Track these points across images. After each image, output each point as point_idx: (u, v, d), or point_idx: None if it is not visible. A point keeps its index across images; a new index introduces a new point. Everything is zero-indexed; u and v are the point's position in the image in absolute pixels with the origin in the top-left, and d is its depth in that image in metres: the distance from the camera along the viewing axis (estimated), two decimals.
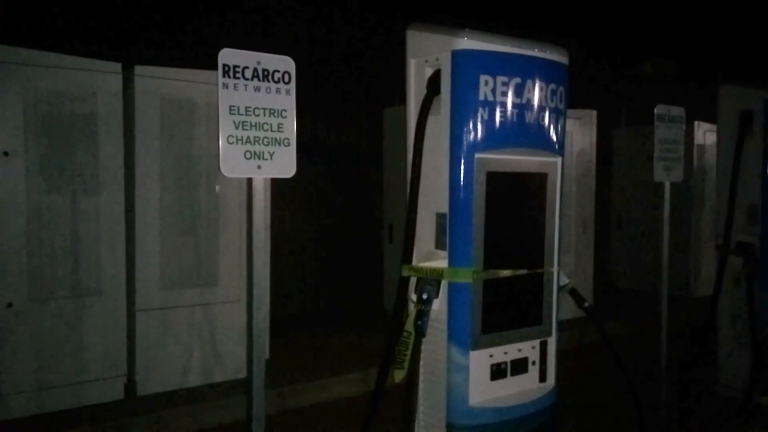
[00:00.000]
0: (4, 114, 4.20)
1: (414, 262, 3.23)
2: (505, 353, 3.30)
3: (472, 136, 3.03)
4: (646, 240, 9.08)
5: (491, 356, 3.23)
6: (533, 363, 3.41)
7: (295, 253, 7.47)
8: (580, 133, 7.57)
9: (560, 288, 3.57)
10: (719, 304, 5.11)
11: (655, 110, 4.40)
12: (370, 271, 7.46)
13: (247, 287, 2.76)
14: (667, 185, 4.51)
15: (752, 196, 5.05)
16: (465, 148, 3.03)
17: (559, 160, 3.37)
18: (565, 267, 7.48)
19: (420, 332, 3.00)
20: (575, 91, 3.72)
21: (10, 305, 4.26)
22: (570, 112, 7.14)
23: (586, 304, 3.70)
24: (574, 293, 3.69)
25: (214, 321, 4.98)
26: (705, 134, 8.80)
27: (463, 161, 3.04)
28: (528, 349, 3.38)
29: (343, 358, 5.80)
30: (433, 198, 3.16)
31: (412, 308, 3.10)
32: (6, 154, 4.25)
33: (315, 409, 5.01)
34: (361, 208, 7.90)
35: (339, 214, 7.81)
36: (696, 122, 8.66)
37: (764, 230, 5.06)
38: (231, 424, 4.53)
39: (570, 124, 7.44)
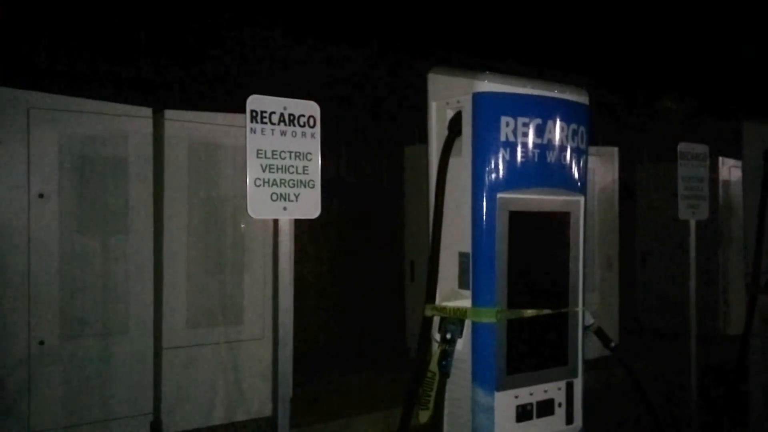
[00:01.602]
0: (40, 157, 4.35)
1: (437, 302, 3.24)
2: (531, 394, 3.27)
3: (494, 176, 3.07)
4: (672, 277, 8.96)
5: (516, 397, 3.20)
6: (559, 405, 3.37)
7: (319, 291, 7.50)
8: (602, 170, 7.56)
9: (586, 328, 3.55)
10: (750, 344, 5.00)
11: (678, 148, 4.41)
12: (392, 308, 7.45)
13: (273, 328, 2.80)
14: (693, 223, 4.49)
15: None
16: (487, 188, 3.07)
17: (581, 198, 3.39)
18: (590, 305, 7.40)
19: (444, 372, 3.00)
20: (596, 127, 3.76)
21: (42, 343, 4.34)
22: (591, 149, 7.18)
23: (613, 344, 3.66)
24: (600, 333, 3.66)
25: (239, 358, 5.01)
26: (730, 170, 8.73)
27: (485, 201, 3.07)
28: (554, 390, 3.35)
29: (365, 396, 5.76)
30: (456, 237, 3.19)
31: (435, 348, 3.11)
32: (41, 196, 4.38)
33: None
34: (383, 246, 7.93)
35: (361, 252, 7.85)
36: (720, 158, 8.60)
37: None
38: None
39: (592, 161, 7.44)
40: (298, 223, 5.63)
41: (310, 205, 2.81)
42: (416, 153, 6.49)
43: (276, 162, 2.73)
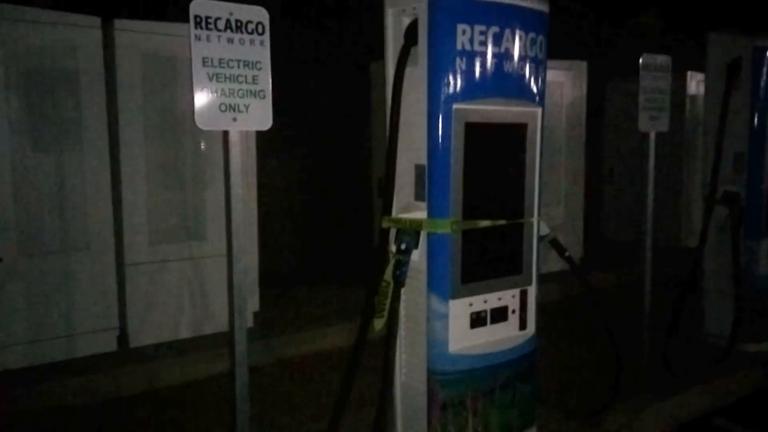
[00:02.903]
0: None
1: (394, 214, 3.26)
2: (485, 302, 3.35)
3: (449, 87, 3.02)
4: (637, 193, 9.09)
5: (471, 305, 3.28)
6: (513, 311, 3.47)
7: (287, 210, 7.50)
8: (571, 85, 7.51)
9: (541, 238, 3.61)
10: (705, 254, 5.16)
11: (641, 59, 4.36)
12: (361, 226, 7.50)
13: (227, 240, 2.78)
14: (653, 135, 4.51)
15: (739, 144, 5.06)
16: (443, 98, 3.02)
17: (539, 110, 3.36)
18: (554, 219, 7.59)
19: (398, 282, 3.05)
20: (566, 42, 3.68)
21: (0, 260, 4.31)
22: (560, 63, 7.12)
23: (567, 254, 3.75)
24: (555, 243, 3.73)
25: (203, 275, 5.04)
26: (698, 84, 8.73)
27: (441, 112, 3.03)
28: (508, 297, 3.44)
29: (333, 310, 5.89)
30: (412, 149, 3.17)
31: (391, 259, 3.14)
32: None
33: (303, 358, 5.11)
34: (351, 164, 7.88)
35: (329, 170, 7.81)
36: (689, 72, 8.58)
37: (750, 178, 5.09)
38: (221, 374, 4.62)
39: (561, 76, 7.38)
40: (264, 143, 5.56)
41: (261, 116, 2.74)
42: (382, 70, 6.31)
43: (224, 71, 2.63)
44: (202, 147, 5.01)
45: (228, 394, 2.75)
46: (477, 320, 3.32)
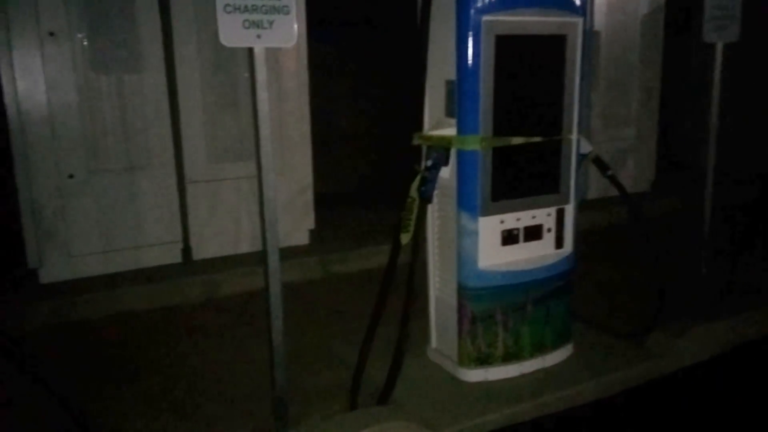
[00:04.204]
0: None
1: (426, 131, 3.25)
2: (518, 220, 3.35)
3: None
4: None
5: (502, 222, 3.29)
6: (548, 230, 3.45)
7: (344, 138, 7.54)
8: None
9: (582, 156, 3.52)
10: None
11: None
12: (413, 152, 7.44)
13: (256, 156, 2.89)
14: (719, 46, 4.19)
15: None
16: (472, 10, 2.93)
17: (580, 20, 3.20)
18: (623, 141, 7.24)
19: (424, 198, 3.08)
20: None
21: (71, 176, 4.65)
22: None
23: (610, 172, 3.64)
24: (598, 161, 3.63)
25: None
26: None
27: (469, 25, 2.95)
28: (543, 216, 3.41)
29: (385, 230, 5.97)
30: (444, 65, 3.12)
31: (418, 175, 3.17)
32: (51, 34, 4.45)
33: (354, 275, 5.28)
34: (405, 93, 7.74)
35: (389, 95, 7.72)
36: None
37: None
38: None
39: None
40: (321, 73, 5.52)
41: (285, 32, 2.76)
42: None
43: None
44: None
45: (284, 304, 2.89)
46: (509, 238, 3.33)
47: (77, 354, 3.96)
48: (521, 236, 3.36)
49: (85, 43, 4.55)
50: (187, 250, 5.14)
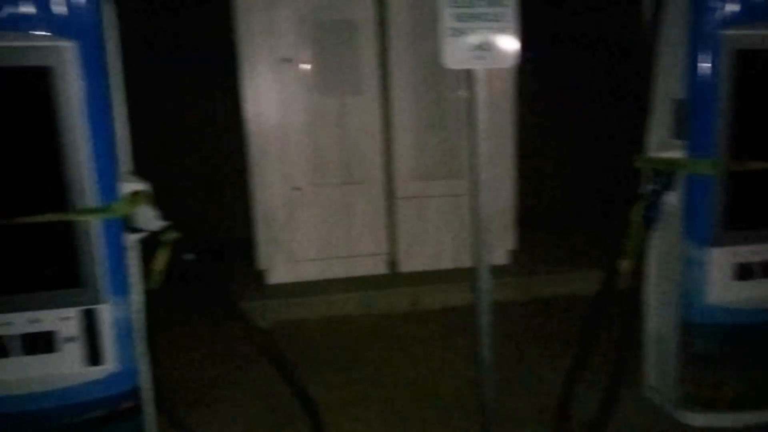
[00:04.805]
0: (283, 27, 4.87)
1: (648, 153, 3.07)
2: (756, 253, 3.02)
3: (716, 10, 2.70)
4: None
5: (735, 255, 2.99)
6: None
7: (547, 156, 7.35)
8: None
9: None
10: None
11: None
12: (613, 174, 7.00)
13: (470, 174, 2.93)
14: None
15: None
16: (709, 24, 2.72)
17: None
18: None
19: (647, 225, 2.90)
20: None
21: (298, 188, 5.12)
22: None
23: None
24: None
25: (462, 211, 5.31)
26: None
27: (705, 39, 2.73)
28: None
29: (586, 251, 5.70)
30: (670, 83, 2.92)
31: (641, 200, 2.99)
32: (288, 60, 4.95)
33: (558, 299, 5.11)
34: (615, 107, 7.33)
35: (593, 113, 7.39)
36: None
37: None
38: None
39: None
40: (524, 91, 5.51)
41: (505, 53, 2.77)
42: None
43: (469, 10, 2.72)
44: (464, 94, 5.18)
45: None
46: (743, 272, 3.01)
47: (312, 348, 4.34)
48: (760, 271, 3.02)
49: (314, 68, 5.00)
50: (393, 263, 5.38)
